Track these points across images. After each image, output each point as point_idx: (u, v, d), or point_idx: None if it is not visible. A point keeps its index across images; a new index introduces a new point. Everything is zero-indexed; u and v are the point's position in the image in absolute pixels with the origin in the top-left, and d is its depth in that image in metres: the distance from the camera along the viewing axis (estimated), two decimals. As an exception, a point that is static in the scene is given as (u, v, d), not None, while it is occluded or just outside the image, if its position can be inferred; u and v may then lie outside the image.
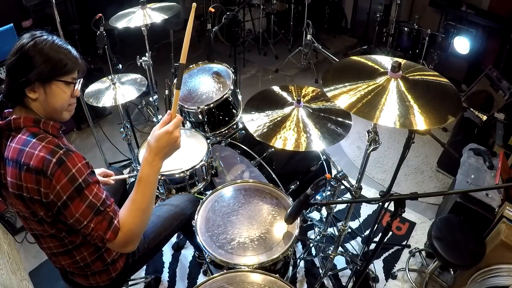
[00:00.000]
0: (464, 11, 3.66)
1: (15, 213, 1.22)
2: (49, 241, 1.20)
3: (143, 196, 1.13)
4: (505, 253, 1.73)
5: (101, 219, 1.09)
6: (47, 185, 1.02)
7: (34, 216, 1.12)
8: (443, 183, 2.90)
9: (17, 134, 1.09)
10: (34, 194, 1.05)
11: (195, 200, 1.76)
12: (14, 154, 1.06)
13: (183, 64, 1.04)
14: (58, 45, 1.09)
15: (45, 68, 1.06)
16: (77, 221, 1.07)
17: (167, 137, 1.11)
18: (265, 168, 1.92)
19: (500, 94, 2.82)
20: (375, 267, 2.22)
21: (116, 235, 1.10)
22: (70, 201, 1.05)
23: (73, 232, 1.18)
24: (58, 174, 1.02)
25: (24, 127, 1.09)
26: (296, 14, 4.71)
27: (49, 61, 1.06)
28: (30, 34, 1.08)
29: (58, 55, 1.08)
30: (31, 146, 1.05)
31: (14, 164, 1.06)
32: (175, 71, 2.48)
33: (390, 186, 1.73)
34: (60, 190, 1.03)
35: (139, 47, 2.59)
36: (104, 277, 1.38)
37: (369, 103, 1.20)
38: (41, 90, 1.08)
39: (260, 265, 1.38)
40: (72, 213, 1.06)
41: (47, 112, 1.13)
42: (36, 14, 3.51)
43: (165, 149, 1.12)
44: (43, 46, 1.05)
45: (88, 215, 1.07)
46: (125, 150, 2.94)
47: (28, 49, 1.04)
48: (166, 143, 1.11)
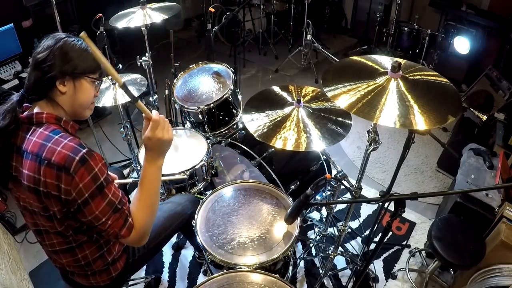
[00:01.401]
0: (464, 11, 3.66)
1: (19, 207, 1.22)
2: (53, 238, 1.21)
3: (148, 193, 1.20)
4: (505, 253, 1.73)
5: (118, 217, 1.14)
6: (69, 182, 1.04)
7: (45, 211, 1.12)
8: (443, 183, 2.90)
9: (38, 129, 1.10)
10: (52, 189, 1.06)
11: (195, 200, 1.76)
12: (35, 148, 1.07)
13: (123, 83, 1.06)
14: (86, 46, 1.15)
15: (78, 63, 1.12)
16: (96, 218, 1.10)
17: (151, 142, 1.16)
18: (265, 168, 1.92)
19: (500, 94, 2.82)
20: (375, 267, 2.22)
21: (130, 232, 1.16)
22: (92, 199, 1.08)
23: (80, 231, 1.19)
24: (81, 172, 1.04)
25: (45, 122, 1.12)
26: (296, 14, 4.71)
27: (81, 57, 1.13)
28: (57, 34, 1.14)
29: (88, 54, 1.15)
30: (53, 142, 1.07)
31: (33, 157, 1.07)
32: (175, 71, 2.48)
33: (390, 186, 1.73)
34: (82, 188, 1.05)
35: (139, 47, 2.59)
36: (104, 277, 1.38)
37: (369, 103, 1.20)
38: (71, 84, 1.13)
39: (260, 265, 1.38)
40: (92, 211, 1.09)
41: (73, 107, 1.17)
42: (36, 14, 3.50)
43: (157, 149, 1.18)
44: (74, 45, 1.13)
45: (107, 212, 1.11)
46: (125, 150, 2.94)
47: (62, 45, 1.10)
48: (154, 146, 1.17)
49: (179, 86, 2.34)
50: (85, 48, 1.14)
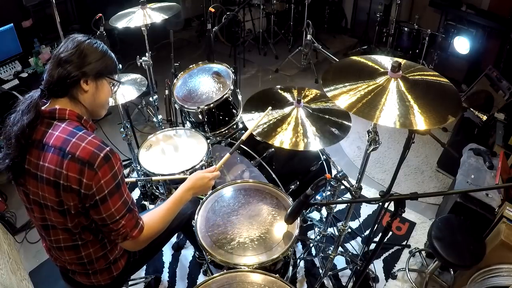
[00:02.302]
0: (464, 11, 3.66)
1: (26, 202, 1.23)
2: (60, 234, 1.22)
3: (172, 211, 1.37)
4: (505, 253, 1.73)
5: (131, 217, 1.19)
6: (91, 177, 1.07)
7: (59, 206, 1.14)
8: (443, 183, 2.90)
9: (60, 124, 1.14)
10: (74, 183, 1.08)
11: (195, 200, 1.76)
12: (58, 142, 1.10)
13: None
14: (107, 49, 1.24)
15: (102, 64, 1.20)
16: (110, 216, 1.14)
17: (205, 181, 1.44)
18: (265, 168, 1.92)
19: (500, 94, 2.82)
20: (375, 267, 2.22)
21: (140, 234, 1.23)
22: (110, 195, 1.12)
23: (87, 229, 1.21)
24: (104, 169, 1.09)
25: (68, 119, 1.15)
26: (296, 14, 4.72)
27: (105, 59, 1.21)
28: (81, 34, 1.20)
29: (108, 56, 1.23)
30: (78, 138, 1.10)
31: (56, 151, 1.09)
32: (175, 71, 2.48)
33: (390, 186, 1.74)
34: (103, 184, 1.09)
35: (139, 47, 2.59)
36: (105, 276, 1.38)
37: (369, 103, 1.20)
38: (93, 83, 1.19)
39: (260, 265, 1.38)
40: (109, 207, 1.12)
41: (93, 105, 1.23)
42: (36, 14, 3.50)
43: (199, 188, 1.44)
44: (97, 47, 1.20)
45: (122, 211, 1.16)
46: (125, 150, 2.93)
47: (88, 45, 1.17)
48: (202, 184, 1.44)
49: (179, 86, 2.34)
50: (105, 51, 1.22)
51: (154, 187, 2.19)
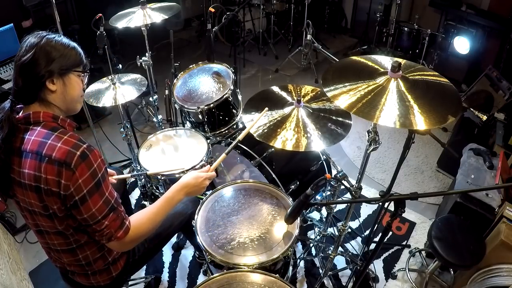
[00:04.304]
0: (464, 11, 3.66)
1: (19, 210, 1.22)
2: (54, 238, 1.21)
3: (162, 211, 1.30)
4: (505, 253, 1.73)
5: (115, 217, 1.15)
6: (69, 177, 1.04)
7: (45, 210, 1.12)
8: (443, 183, 2.90)
9: (36, 127, 1.11)
10: (53, 186, 1.06)
11: (195, 200, 1.76)
12: (34, 146, 1.08)
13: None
14: (68, 42, 1.17)
15: (64, 59, 1.13)
16: (92, 216, 1.10)
17: (199, 181, 1.39)
18: (265, 168, 1.92)
19: (500, 94, 2.82)
20: (375, 267, 2.22)
21: (126, 235, 1.18)
22: (89, 195, 1.08)
23: (79, 230, 1.19)
24: (82, 168, 1.05)
25: (43, 121, 1.12)
26: (296, 14, 4.71)
27: (65, 53, 1.14)
28: (36, 33, 1.13)
29: (70, 49, 1.16)
30: (53, 139, 1.07)
31: (34, 156, 1.07)
32: (175, 71, 2.48)
33: (390, 186, 1.73)
34: (81, 184, 1.06)
35: (139, 47, 2.59)
36: (105, 277, 1.38)
37: (369, 103, 1.20)
38: (60, 81, 1.14)
39: (260, 265, 1.38)
40: (89, 208, 1.09)
41: (65, 102, 1.18)
42: (36, 14, 3.50)
43: (193, 188, 1.38)
44: (56, 42, 1.13)
45: (103, 211, 1.12)
46: (125, 150, 2.93)
47: (44, 45, 1.10)
48: (196, 184, 1.38)
49: (179, 86, 2.34)
50: (65, 44, 1.15)
51: (154, 187, 2.19)
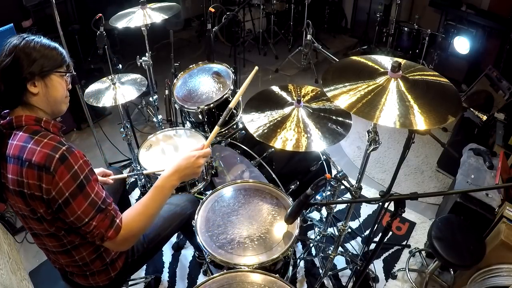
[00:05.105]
0: (464, 11, 3.66)
1: (15, 213, 1.22)
2: (48, 241, 1.20)
3: (153, 202, 1.21)
4: (505, 253, 1.73)
5: (103, 217, 1.12)
6: (49, 181, 1.03)
7: (33, 214, 1.12)
8: (443, 183, 2.90)
9: (18, 132, 1.10)
10: (35, 190, 1.05)
11: (195, 200, 1.76)
12: (16, 151, 1.07)
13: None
14: (48, 42, 1.15)
15: (44, 61, 1.10)
16: (78, 219, 1.08)
17: (192, 160, 1.25)
18: (265, 168, 1.92)
19: (500, 94, 2.82)
20: (375, 267, 2.22)
21: (117, 234, 1.14)
22: (72, 198, 1.05)
23: (72, 232, 1.18)
24: (61, 171, 1.03)
25: (25, 125, 1.11)
26: (296, 14, 4.72)
27: (46, 55, 1.11)
28: (18, 36, 1.12)
29: (51, 50, 1.14)
30: (33, 143, 1.06)
31: (15, 160, 1.07)
32: (175, 71, 2.48)
33: (390, 186, 1.73)
34: (62, 187, 1.04)
35: (139, 47, 2.59)
36: (103, 277, 1.37)
37: (369, 103, 1.20)
38: (41, 83, 1.12)
39: (260, 265, 1.38)
40: (74, 211, 1.07)
41: (49, 104, 1.16)
42: (36, 14, 3.50)
43: (185, 170, 1.25)
44: (35, 44, 1.11)
45: (90, 212, 1.09)
46: (125, 150, 2.93)
47: (23, 47, 1.08)
48: (188, 165, 1.25)
49: (179, 86, 2.34)
50: (45, 45, 1.12)
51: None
